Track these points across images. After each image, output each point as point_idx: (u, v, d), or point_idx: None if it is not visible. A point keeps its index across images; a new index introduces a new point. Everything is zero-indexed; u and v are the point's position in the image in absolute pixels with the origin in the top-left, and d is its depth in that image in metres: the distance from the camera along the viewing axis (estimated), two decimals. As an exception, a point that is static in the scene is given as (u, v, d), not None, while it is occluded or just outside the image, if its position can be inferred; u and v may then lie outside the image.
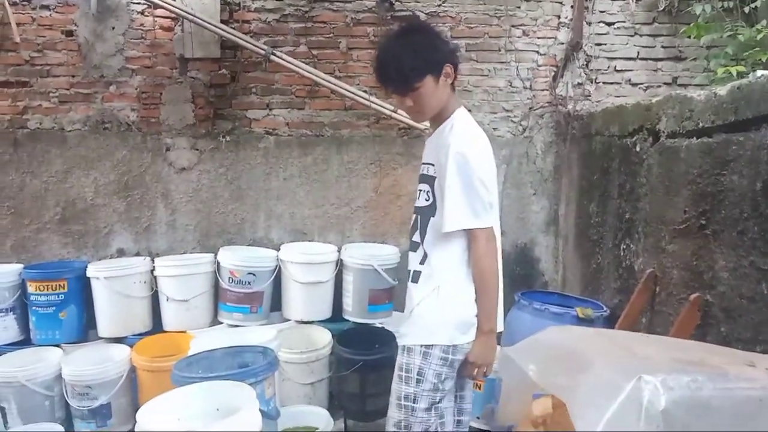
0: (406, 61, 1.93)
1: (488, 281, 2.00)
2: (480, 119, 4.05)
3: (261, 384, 2.12)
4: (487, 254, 1.98)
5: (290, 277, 3.67)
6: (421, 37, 2.02)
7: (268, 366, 2.17)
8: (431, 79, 1.97)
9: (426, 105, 2.03)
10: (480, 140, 2.06)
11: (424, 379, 2.02)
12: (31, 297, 3.56)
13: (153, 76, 3.98)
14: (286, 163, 4.04)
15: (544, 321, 3.02)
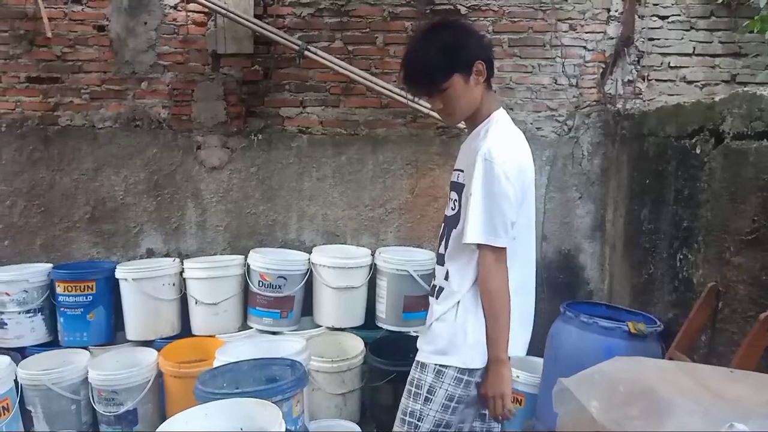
0: (430, 60, 1.82)
1: (496, 305, 1.82)
2: (522, 118, 3.85)
3: (288, 401, 1.98)
4: (496, 274, 1.81)
5: (322, 282, 3.54)
6: (448, 34, 1.87)
7: (296, 382, 2.02)
8: (460, 78, 1.83)
9: (456, 106, 1.89)
10: (516, 148, 1.88)
11: (433, 398, 1.88)
12: (60, 298, 3.49)
13: (185, 73, 3.87)
14: (319, 163, 3.90)
15: (592, 335, 2.81)
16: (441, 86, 1.83)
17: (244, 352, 2.46)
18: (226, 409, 1.85)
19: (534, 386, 3.18)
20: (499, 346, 1.83)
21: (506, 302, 1.82)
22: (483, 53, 1.87)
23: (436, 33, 1.87)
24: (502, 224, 1.78)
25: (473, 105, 1.89)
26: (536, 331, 3.78)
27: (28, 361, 3.27)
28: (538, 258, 3.84)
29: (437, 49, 1.82)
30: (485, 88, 1.90)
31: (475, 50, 1.86)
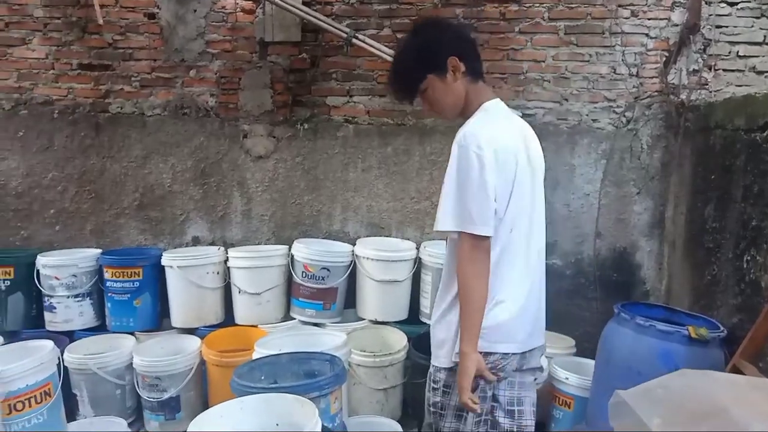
0: (403, 67, 1.90)
1: (466, 294, 1.75)
2: (578, 109, 3.69)
3: (326, 398, 1.92)
4: (469, 263, 1.74)
5: (365, 274, 3.47)
6: (417, 38, 1.89)
7: (335, 378, 1.96)
8: (435, 78, 1.85)
9: (442, 105, 1.90)
10: (499, 135, 1.80)
11: (452, 391, 1.87)
12: (107, 283, 3.53)
13: (233, 61, 3.85)
14: (365, 153, 3.83)
15: (648, 339, 2.65)
16: (418, 90, 1.86)
17: (283, 345, 2.41)
18: (261, 404, 1.80)
19: (584, 389, 3.03)
20: (466, 338, 1.76)
21: (477, 293, 1.75)
22: (456, 48, 1.85)
23: (409, 38, 1.92)
24: (479, 212, 1.72)
25: (459, 100, 1.88)
26: (588, 332, 3.68)
27: (75, 345, 3.32)
28: (591, 255, 3.71)
29: (407, 55, 1.89)
30: (469, 81, 1.88)
31: (447, 47, 1.84)
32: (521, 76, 3.73)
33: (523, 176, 1.83)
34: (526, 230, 1.86)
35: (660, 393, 1.18)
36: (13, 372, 2.17)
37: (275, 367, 2.14)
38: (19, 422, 2.19)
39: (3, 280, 3.50)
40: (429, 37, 1.87)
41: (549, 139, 3.70)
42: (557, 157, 3.71)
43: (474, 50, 1.91)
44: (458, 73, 1.85)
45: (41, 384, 2.26)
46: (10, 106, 3.88)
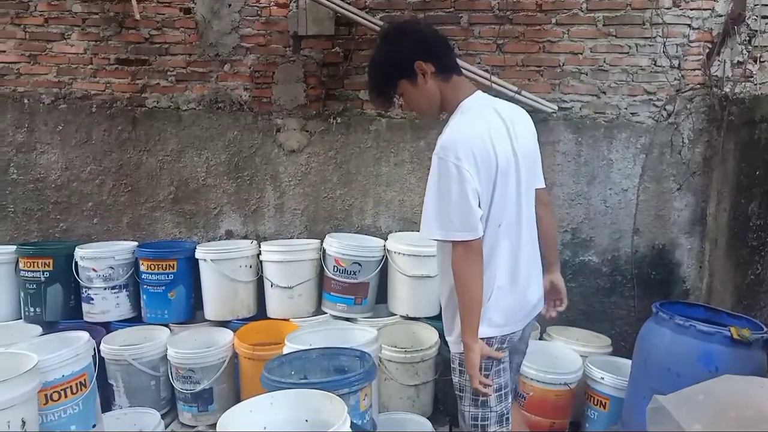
0: (375, 77, 2.03)
1: (465, 292, 1.88)
2: (616, 102, 3.60)
3: (356, 395, 1.90)
4: (463, 265, 1.85)
5: (397, 269, 3.45)
6: (387, 46, 2.01)
7: (365, 375, 1.94)
8: (406, 83, 1.95)
9: (417, 105, 2.02)
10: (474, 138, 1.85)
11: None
12: (143, 275, 3.58)
13: (266, 55, 3.86)
14: (397, 148, 3.80)
15: (688, 339, 2.56)
16: (393, 95, 2.00)
17: (313, 340, 2.41)
18: (291, 400, 1.79)
19: (620, 389, 2.96)
20: (466, 330, 1.90)
21: (474, 290, 1.87)
22: (422, 51, 1.93)
23: (379, 47, 2.06)
24: (463, 221, 1.81)
25: (434, 99, 1.97)
26: (624, 331, 3.60)
27: (111, 336, 3.38)
28: (628, 252, 3.63)
29: (378, 64, 2.01)
30: (442, 80, 1.94)
31: (413, 52, 1.92)
32: (558, 69, 3.65)
33: (507, 168, 1.90)
34: (515, 218, 1.96)
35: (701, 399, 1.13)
36: (49, 363, 2.21)
37: (305, 362, 2.14)
38: (54, 412, 2.23)
39: (42, 271, 3.57)
40: (395, 44, 1.97)
41: (586, 133, 3.63)
42: (594, 152, 3.63)
43: (442, 49, 1.97)
44: (427, 75, 1.92)
45: (77, 375, 2.30)
46: (50, 101, 3.96)
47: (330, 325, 2.84)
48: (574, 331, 3.53)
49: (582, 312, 3.70)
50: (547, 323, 3.60)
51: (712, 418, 1.08)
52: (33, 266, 3.58)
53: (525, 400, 3.13)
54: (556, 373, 3.06)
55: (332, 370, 2.14)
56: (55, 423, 2.24)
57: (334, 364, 2.14)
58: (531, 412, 3.12)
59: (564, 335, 3.41)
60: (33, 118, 3.97)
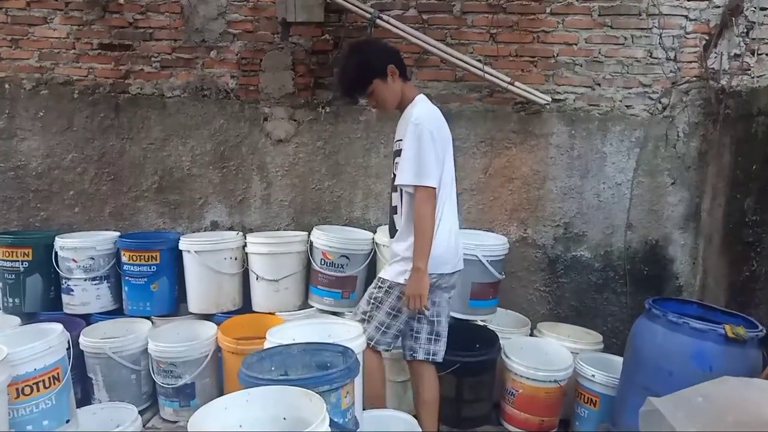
0: (354, 76, 2.56)
1: (424, 226, 2.40)
2: (611, 95, 3.53)
3: (337, 392, 1.83)
4: (427, 204, 2.41)
5: (386, 263, 3.35)
6: (363, 53, 2.58)
7: (346, 371, 1.86)
8: (379, 82, 2.53)
9: (384, 100, 2.58)
10: (438, 118, 2.56)
11: (392, 292, 2.56)
12: (125, 267, 3.49)
13: (254, 41, 3.76)
14: (387, 138, 3.71)
15: (681, 337, 2.52)
16: (367, 92, 2.56)
17: (296, 335, 2.33)
18: (269, 396, 1.71)
19: (610, 387, 2.91)
20: (422, 258, 2.40)
21: (431, 226, 2.43)
22: (391, 58, 2.56)
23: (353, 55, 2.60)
24: (430, 170, 2.40)
25: (397, 96, 2.58)
26: (616, 328, 3.54)
27: (91, 329, 3.29)
28: (621, 248, 3.57)
29: (356, 66, 2.55)
30: (403, 81, 2.58)
31: (385, 57, 2.54)
32: (551, 59, 3.57)
33: (449, 147, 2.61)
34: (451, 185, 2.61)
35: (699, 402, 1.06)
36: (20, 355, 2.12)
37: (286, 357, 2.06)
38: (26, 407, 2.14)
39: (21, 261, 3.47)
40: (370, 51, 2.59)
41: (580, 126, 3.56)
42: (588, 145, 3.56)
43: (401, 58, 2.61)
44: (395, 76, 2.54)
45: (50, 368, 2.21)
46: (31, 86, 3.85)
47: (313, 320, 2.77)
48: (565, 327, 3.48)
49: (573, 308, 3.64)
50: (537, 319, 3.54)
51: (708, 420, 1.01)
52: (12, 256, 3.48)
53: (514, 398, 3.07)
54: (546, 370, 3.00)
55: (314, 366, 2.06)
56: (26, 418, 2.15)
57: (317, 360, 2.06)
58: (520, 409, 3.06)
59: (555, 331, 3.35)
60: (14, 104, 3.86)
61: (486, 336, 3.19)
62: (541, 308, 3.68)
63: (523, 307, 3.66)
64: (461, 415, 3.08)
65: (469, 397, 3.06)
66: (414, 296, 2.41)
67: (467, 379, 3.03)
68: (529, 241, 3.66)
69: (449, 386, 3.03)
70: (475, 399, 3.08)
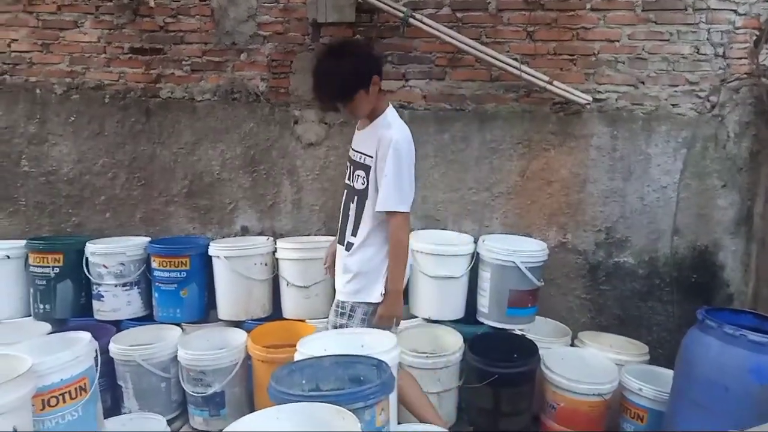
0: (337, 83, 2.34)
1: (401, 252, 2.45)
2: (656, 93, 3.38)
3: (371, 409, 1.73)
4: (404, 230, 2.43)
5: (419, 269, 3.28)
6: (348, 60, 2.36)
7: (381, 387, 1.76)
8: (362, 92, 2.38)
9: (359, 110, 2.45)
10: (409, 135, 2.47)
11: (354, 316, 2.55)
12: (155, 272, 3.45)
13: (284, 43, 3.70)
14: (420, 141, 3.56)
15: (737, 350, 2.35)
16: (348, 101, 2.39)
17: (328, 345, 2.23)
18: (300, 414, 1.62)
19: (659, 402, 2.75)
20: (399, 281, 2.47)
21: (407, 251, 2.49)
22: (377, 68, 2.44)
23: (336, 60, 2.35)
24: (408, 195, 2.42)
25: (371, 106, 2.45)
26: (662, 338, 3.37)
27: (121, 336, 3.25)
28: (668, 253, 3.41)
29: (342, 75, 2.33)
30: (379, 91, 2.45)
31: (372, 68, 2.41)
32: (592, 57, 3.43)
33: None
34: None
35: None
36: (46, 366, 2.06)
37: (318, 370, 1.96)
38: (52, 418, 2.08)
39: (52, 267, 3.46)
40: (357, 59, 2.38)
41: (623, 126, 3.41)
42: (631, 146, 3.41)
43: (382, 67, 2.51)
44: (377, 87, 2.42)
45: (76, 378, 2.15)
46: (62, 91, 3.85)
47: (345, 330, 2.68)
48: (607, 337, 3.32)
49: (616, 317, 3.48)
50: (578, 328, 3.39)
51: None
52: (43, 262, 3.47)
53: (555, 411, 2.93)
54: (589, 382, 2.85)
55: (347, 379, 1.96)
56: (53, 430, 2.10)
57: (350, 373, 1.96)
58: (561, 423, 2.92)
59: (597, 341, 3.20)
60: (45, 109, 3.85)
61: (525, 346, 3.06)
62: (581, 317, 3.53)
63: (563, 315, 3.51)
64: (499, 429, 2.95)
65: (507, 410, 2.93)
66: (389, 317, 2.49)
67: (505, 390, 2.90)
68: (568, 247, 3.51)
69: (486, 398, 2.92)
70: (513, 412, 2.94)
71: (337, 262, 2.65)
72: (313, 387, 1.95)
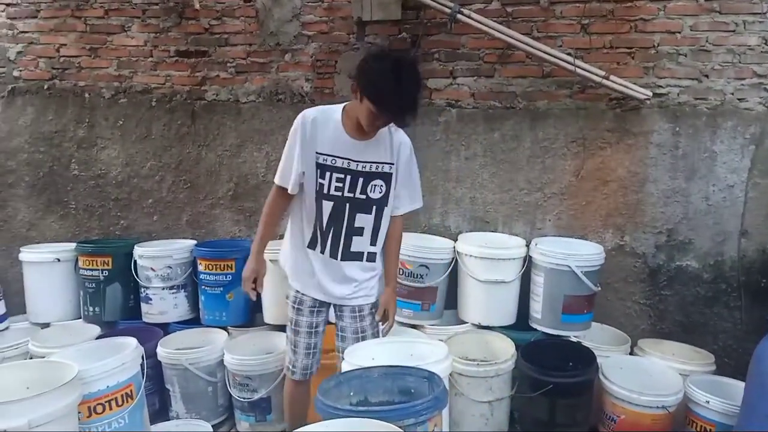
0: (419, 99, 2.23)
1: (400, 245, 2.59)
2: (720, 87, 3.22)
3: (424, 425, 1.63)
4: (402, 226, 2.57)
5: (468, 273, 3.16)
6: (421, 76, 2.29)
7: (434, 402, 1.66)
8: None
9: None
10: None
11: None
12: (201, 276, 3.43)
13: (329, 43, 3.64)
14: (468, 140, 3.50)
15: (818, 363, 2.16)
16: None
17: (376, 354, 2.15)
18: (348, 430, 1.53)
19: (728, 416, 2.57)
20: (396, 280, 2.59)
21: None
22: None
23: (419, 75, 2.23)
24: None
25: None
26: (729, 346, 3.17)
27: (168, 339, 3.24)
28: (734, 257, 3.21)
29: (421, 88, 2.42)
30: None
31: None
32: (652, 50, 3.26)
33: None
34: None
35: None
36: (92, 372, 2.04)
37: (366, 382, 1.87)
38: (99, 425, 2.06)
39: (101, 270, 3.48)
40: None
41: (685, 122, 3.23)
42: (694, 143, 3.21)
43: None
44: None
45: (123, 385, 2.13)
46: (110, 95, 3.88)
47: (395, 337, 2.59)
48: (669, 345, 3.14)
49: (679, 323, 3.29)
50: (637, 336, 3.22)
51: None
52: (92, 265, 3.49)
53: (614, 424, 2.77)
54: (652, 394, 2.68)
55: (397, 391, 1.87)
56: (99, 438, 2.08)
57: (399, 384, 1.87)
58: (622, 437, 2.76)
59: (658, 350, 3.02)
60: (93, 113, 3.89)
61: (581, 354, 2.91)
62: (641, 323, 3.35)
63: (621, 321, 3.34)
64: (555, 441, 2.82)
65: (563, 421, 2.79)
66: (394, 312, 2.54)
67: (561, 401, 2.76)
68: (626, 250, 3.33)
69: (541, 408, 2.79)
70: (569, 423, 2.80)
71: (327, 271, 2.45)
72: (361, 399, 1.87)
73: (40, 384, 1.91)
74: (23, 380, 1.98)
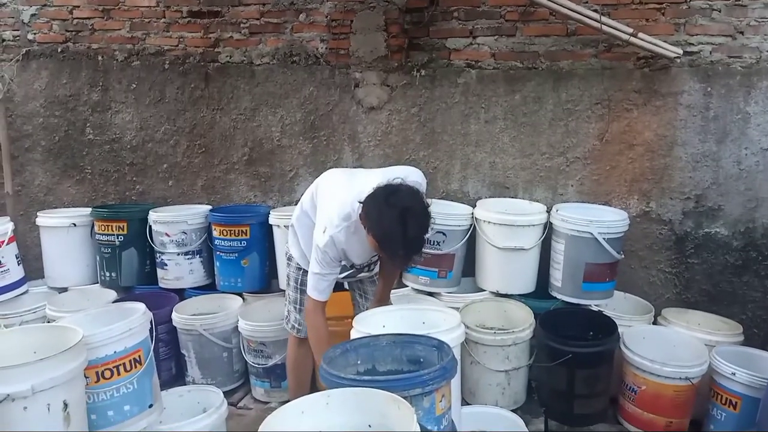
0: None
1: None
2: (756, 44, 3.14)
3: (431, 395, 1.57)
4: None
5: (486, 240, 3.08)
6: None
7: (442, 372, 1.59)
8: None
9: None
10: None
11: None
12: (216, 241, 3.41)
13: (344, 2, 3.51)
14: (488, 102, 3.37)
15: None
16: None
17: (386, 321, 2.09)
18: (351, 401, 1.49)
19: (755, 388, 2.47)
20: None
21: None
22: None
23: (428, 214, 2.23)
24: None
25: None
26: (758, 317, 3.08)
27: (183, 305, 3.24)
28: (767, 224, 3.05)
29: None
30: None
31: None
32: (683, 5, 3.08)
33: None
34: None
35: None
36: (99, 338, 2.02)
37: (374, 350, 1.82)
38: (106, 391, 2.05)
39: (117, 235, 3.47)
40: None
41: (717, 82, 3.06)
42: (727, 104, 3.05)
43: None
44: None
45: (131, 351, 2.10)
46: (123, 58, 3.82)
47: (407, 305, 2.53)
48: (695, 314, 3.03)
49: (706, 292, 3.17)
50: (662, 305, 3.12)
51: None
52: (108, 230, 3.48)
53: (635, 395, 2.70)
54: (676, 365, 2.60)
55: (405, 360, 1.82)
56: (107, 403, 2.06)
57: (408, 353, 1.81)
58: (643, 408, 2.69)
59: (683, 319, 2.92)
60: (107, 76, 3.84)
61: (602, 323, 2.83)
62: (666, 292, 3.24)
63: (645, 290, 3.24)
64: (573, 411, 2.76)
65: (582, 392, 2.73)
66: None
67: (580, 371, 2.70)
68: (652, 216, 3.21)
69: (560, 379, 2.74)
70: (589, 394, 2.74)
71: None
72: (369, 367, 1.82)
73: (46, 349, 1.89)
74: (29, 345, 1.97)
